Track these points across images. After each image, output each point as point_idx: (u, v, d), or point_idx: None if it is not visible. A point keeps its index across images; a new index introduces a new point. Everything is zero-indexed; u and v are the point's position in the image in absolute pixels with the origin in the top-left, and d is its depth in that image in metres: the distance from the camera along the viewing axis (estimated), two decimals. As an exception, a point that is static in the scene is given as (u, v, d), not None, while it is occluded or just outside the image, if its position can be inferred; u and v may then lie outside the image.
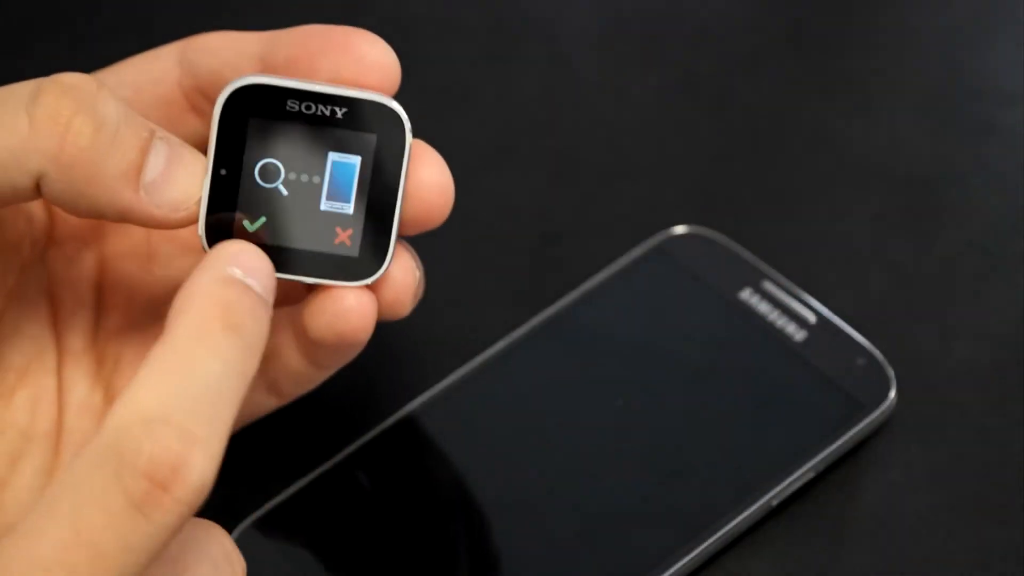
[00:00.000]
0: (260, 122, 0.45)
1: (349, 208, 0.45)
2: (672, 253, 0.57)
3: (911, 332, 0.56)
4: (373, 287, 0.46)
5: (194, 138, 0.48)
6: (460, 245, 0.58)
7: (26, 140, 0.43)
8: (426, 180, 0.46)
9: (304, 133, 0.45)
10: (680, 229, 0.57)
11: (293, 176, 0.45)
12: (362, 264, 0.46)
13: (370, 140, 0.45)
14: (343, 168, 0.45)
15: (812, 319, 0.55)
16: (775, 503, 0.51)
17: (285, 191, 0.45)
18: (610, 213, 0.60)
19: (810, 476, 0.52)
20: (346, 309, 0.46)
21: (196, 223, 0.45)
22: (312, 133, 0.45)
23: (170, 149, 0.45)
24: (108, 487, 0.38)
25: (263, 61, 0.46)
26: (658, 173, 0.61)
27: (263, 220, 0.45)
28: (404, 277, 0.46)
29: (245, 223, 0.45)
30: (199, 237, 0.45)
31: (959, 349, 0.55)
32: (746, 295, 0.55)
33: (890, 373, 0.53)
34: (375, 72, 0.45)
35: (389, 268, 0.46)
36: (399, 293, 0.46)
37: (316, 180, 0.45)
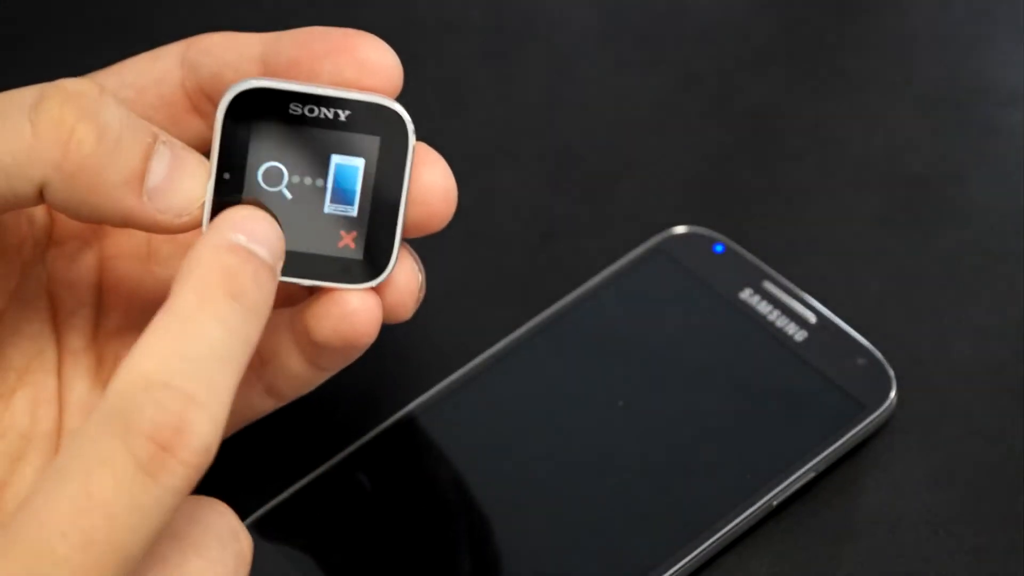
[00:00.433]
0: (263, 125, 0.45)
1: (353, 211, 0.45)
2: (672, 253, 0.57)
3: (911, 332, 0.56)
4: (377, 290, 0.46)
5: (196, 139, 0.48)
6: (460, 245, 0.58)
7: (29, 147, 0.43)
8: (429, 183, 0.46)
9: (307, 136, 0.45)
10: (680, 229, 0.57)
11: (296, 179, 0.45)
12: (366, 267, 0.46)
13: (373, 143, 0.45)
14: (346, 171, 0.45)
15: (812, 319, 0.55)
16: (775, 503, 0.51)
17: (289, 194, 0.45)
18: (610, 213, 0.60)
19: (811, 476, 0.52)
20: (351, 312, 0.45)
21: (200, 228, 0.45)
22: (315, 136, 0.45)
23: (173, 154, 0.44)
24: (115, 450, 0.38)
25: (265, 63, 0.46)
26: (658, 173, 0.61)
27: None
28: (407, 280, 0.46)
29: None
30: None
31: (959, 349, 0.55)
32: (746, 295, 0.55)
33: (890, 373, 0.53)
34: (377, 74, 0.45)
35: (393, 271, 0.46)
36: (402, 296, 0.46)
37: (319, 183, 0.45)
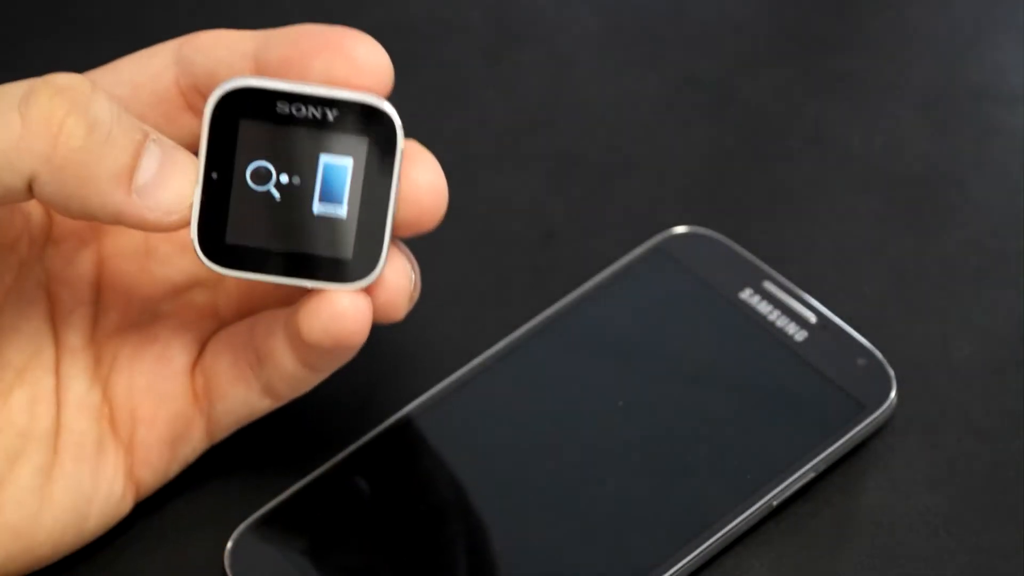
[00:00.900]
0: (251, 124, 0.45)
1: (342, 210, 0.45)
2: (672, 253, 0.57)
3: (912, 332, 0.56)
4: (367, 290, 0.46)
5: (190, 136, 0.48)
6: (459, 245, 0.58)
7: (18, 141, 0.43)
8: (419, 182, 0.46)
9: (296, 135, 0.45)
10: (680, 229, 0.57)
11: (285, 179, 0.45)
12: (356, 267, 0.45)
13: (362, 142, 0.45)
14: (335, 170, 0.45)
15: (812, 319, 0.55)
16: (776, 503, 0.51)
17: (277, 194, 0.45)
18: (610, 213, 0.60)
19: (811, 476, 0.52)
20: (340, 312, 0.45)
21: (189, 226, 0.45)
22: (304, 135, 0.45)
23: (163, 152, 0.44)
24: None
25: (257, 60, 0.46)
26: (658, 173, 0.61)
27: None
28: (398, 280, 0.46)
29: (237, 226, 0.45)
30: (191, 241, 0.45)
31: (960, 349, 0.55)
32: (746, 295, 0.55)
33: (891, 373, 0.53)
34: (367, 73, 0.45)
35: (383, 271, 0.45)
36: (394, 296, 0.46)
37: (308, 183, 0.45)
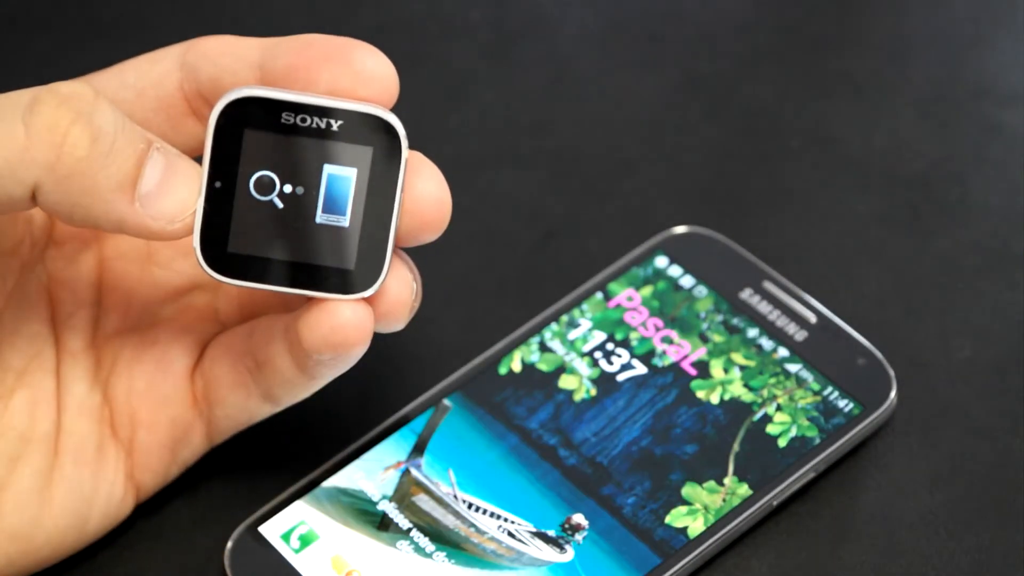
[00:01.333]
0: (255, 134, 0.45)
1: (345, 221, 0.45)
2: (672, 253, 0.57)
3: (911, 332, 0.56)
4: (369, 300, 0.46)
5: (194, 142, 0.48)
6: (460, 245, 0.58)
7: (22, 150, 0.43)
8: (423, 193, 0.46)
9: (299, 146, 0.45)
10: (680, 229, 0.57)
11: (288, 189, 0.45)
12: (358, 277, 0.45)
13: (366, 153, 0.45)
14: (339, 181, 0.45)
15: (812, 319, 0.55)
16: (776, 503, 0.51)
17: (280, 204, 0.45)
18: (610, 213, 0.60)
19: (811, 476, 0.52)
20: (342, 322, 0.45)
21: (192, 235, 0.45)
22: (308, 146, 0.45)
23: (167, 160, 0.44)
24: None
25: (263, 69, 0.46)
26: (658, 173, 0.61)
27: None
28: (400, 290, 0.46)
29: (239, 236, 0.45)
30: (194, 249, 0.45)
31: (960, 349, 0.55)
32: (746, 295, 0.55)
33: (890, 373, 0.53)
34: (373, 84, 0.45)
35: (385, 281, 0.45)
36: (395, 306, 0.46)
37: (312, 193, 0.45)
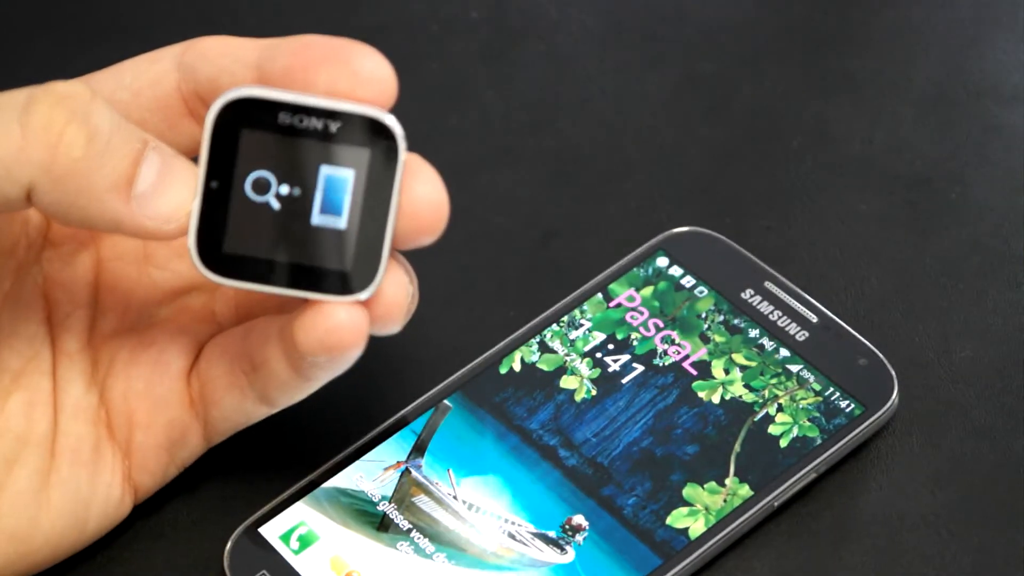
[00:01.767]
0: (252, 134, 0.45)
1: (341, 223, 0.45)
2: (672, 253, 0.57)
3: (913, 332, 0.56)
4: (365, 303, 0.45)
5: (192, 143, 0.48)
6: (459, 245, 0.58)
7: (18, 150, 0.43)
8: (420, 196, 0.45)
9: (297, 146, 0.45)
10: (680, 229, 0.57)
11: (285, 189, 0.45)
12: (354, 279, 0.45)
13: (363, 155, 0.45)
14: (336, 182, 0.45)
15: (814, 319, 0.55)
16: (777, 504, 0.51)
17: (276, 205, 0.45)
18: (610, 213, 0.60)
19: (812, 477, 0.51)
20: (337, 324, 0.45)
21: (187, 234, 0.45)
22: (305, 146, 0.45)
23: (163, 160, 0.44)
24: None
25: (260, 70, 0.46)
26: (658, 173, 0.61)
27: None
28: (396, 293, 0.46)
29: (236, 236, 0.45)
30: (189, 249, 0.45)
31: (961, 349, 0.55)
32: (747, 295, 0.55)
33: (892, 373, 0.53)
34: (371, 86, 0.45)
35: (381, 284, 0.45)
36: (390, 309, 0.46)
37: (309, 194, 0.45)
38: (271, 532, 0.51)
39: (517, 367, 0.54)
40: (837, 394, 0.53)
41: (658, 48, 0.65)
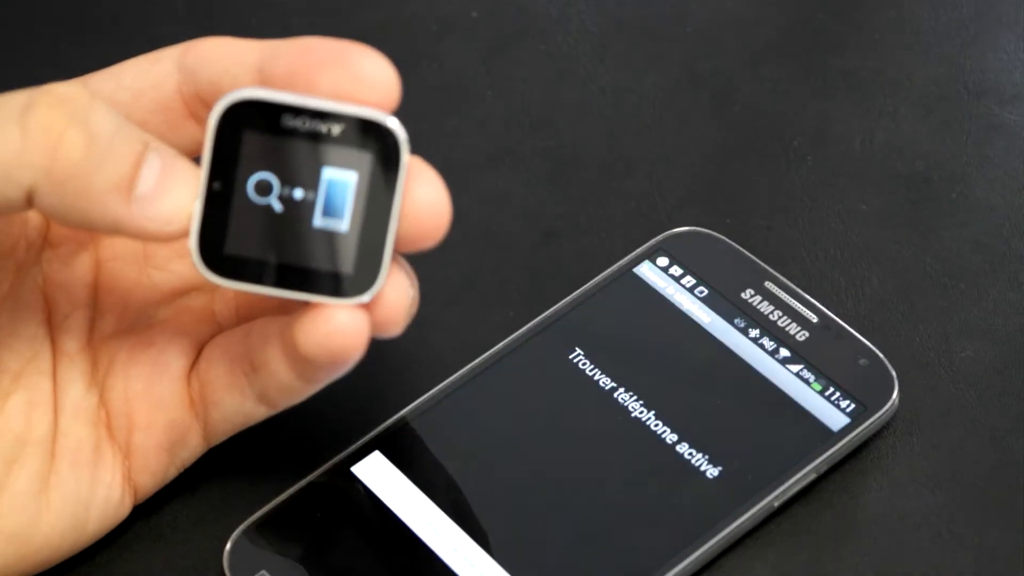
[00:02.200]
0: (255, 137, 0.45)
1: (343, 225, 0.45)
2: (672, 253, 0.57)
3: (913, 332, 0.56)
4: (366, 305, 0.45)
5: (192, 145, 0.48)
6: (460, 245, 0.58)
7: (18, 153, 0.43)
8: (422, 199, 0.45)
9: (299, 149, 0.45)
10: (680, 229, 0.57)
11: (287, 192, 0.45)
12: (355, 282, 0.45)
13: (366, 157, 0.45)
14: (338, 185, 0.45)
15: (814, 319, 0.54)
16: (777, 504, 0.51)
17: (279, 207, 0.45)
18: (610, 213, 0.60)
19: (812, 477, 0.51)
20: (338, 327, 0.45)
21: (188, 236, 0.45)
22: (307, 149, 0.45)
23: (163, 161, 0.44)
24: None
25: (262, 72, 0.46)
26: (658, 173, 0.61)
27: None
28: (398, 296, 0.46)
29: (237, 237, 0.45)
30: (190, 251, 0.45)
31: (962, 349, 0.55)
32: (747, 295, 0.55)
33: (892, 374, 0.53)
34: (374, 89, 0.45)
35: (383, 287, 0.45)
36: (392, 312, 0.46)
37: (311, 196, 0.45)
38: (271, 532, 0.51)
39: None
40: (838, 394, 0.53)
41: (658, 48, 0.65)
